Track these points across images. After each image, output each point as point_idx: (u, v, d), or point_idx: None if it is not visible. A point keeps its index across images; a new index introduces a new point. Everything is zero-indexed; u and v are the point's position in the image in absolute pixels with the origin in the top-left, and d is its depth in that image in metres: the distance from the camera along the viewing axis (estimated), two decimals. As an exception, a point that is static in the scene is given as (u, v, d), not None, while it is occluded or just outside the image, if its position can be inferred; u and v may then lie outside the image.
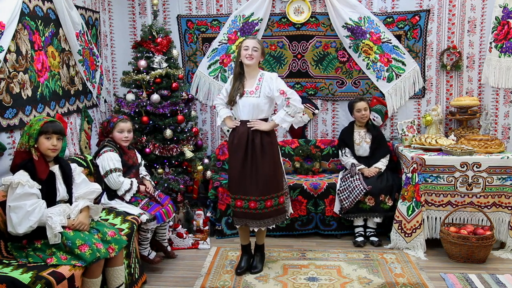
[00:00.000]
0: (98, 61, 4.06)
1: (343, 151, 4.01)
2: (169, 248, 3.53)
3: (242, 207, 3.12)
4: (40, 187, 2.38)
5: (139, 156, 3.50)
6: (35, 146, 2.42)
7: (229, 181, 3.26)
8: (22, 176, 2.34)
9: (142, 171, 3.48)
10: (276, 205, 3.15)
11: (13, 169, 2.44)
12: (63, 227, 2.36)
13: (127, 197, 3.18)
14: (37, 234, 2.34)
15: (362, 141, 3.97)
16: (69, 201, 2.54)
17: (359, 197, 3.66)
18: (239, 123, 3.14)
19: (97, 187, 2.71)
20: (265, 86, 3.09)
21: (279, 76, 3.16)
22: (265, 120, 3.15)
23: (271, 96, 3.09)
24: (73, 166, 2.67)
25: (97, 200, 3.03)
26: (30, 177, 2.36)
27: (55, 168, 2.52)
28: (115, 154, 3.21)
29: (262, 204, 3.09)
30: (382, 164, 3.88)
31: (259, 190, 3.08)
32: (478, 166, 3.47)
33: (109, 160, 3.17)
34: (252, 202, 3.09)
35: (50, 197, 2.42)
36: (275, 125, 3.13)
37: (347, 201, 3.73)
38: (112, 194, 3.19)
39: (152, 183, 3.49)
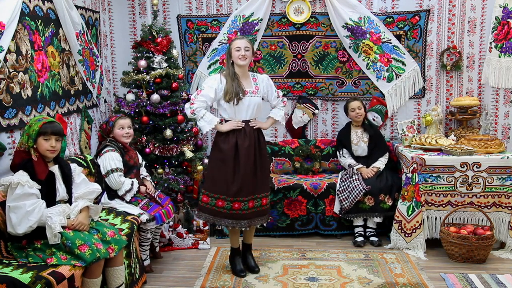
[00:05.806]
0: (98, 61, 4.06)
1: (341, 152, 4.01)
2: (157, 249, 3.52)
3: (240, 208, 3.06)
4: (39, 187, 2.38)
5: (140, 157, 3.50)
6: (34, 146, 2.42)
7: (222, 182, 3.05)
8: (22, 176, 2.34)
9: (143, 171, 3.48)
10: (269, 202, 3.29)
11: (13, 168, 2.45)
12: (63, 227, 2.36)
13: (128, 197, 3.19)
14: (37, 234, 2.34)
15: (360, 141, 3.97)
16: (69, 201, 2.54)
17: (358, 197, 3.66)
18: (243, 123, 3.07)
19: (96, 187, 2.71)
20: (263, 87, 3.17)
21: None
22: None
23: (266, 97, 3.21)
24: (73, 166, 2.67)
25: (97, 200, 3.03)
26: (30, 177, 2.36)
27: (55, 168, 2.52)
28: (117, 154, 3.21)
29: (258, 202, 3.13)
30: (381, 163, 3.88)
31: (261, 189, 3.12)
32: (478, 166, 3.47)
33: (111, 160, 3.17)
34: (251, 202, 3.08)
35: (49, 197, 2.42)
36: (274, 123, 3.26)
37: (346, 201, 3.72)
38: (112, 194, 3.19)
39: (153, 183, 3.49)
